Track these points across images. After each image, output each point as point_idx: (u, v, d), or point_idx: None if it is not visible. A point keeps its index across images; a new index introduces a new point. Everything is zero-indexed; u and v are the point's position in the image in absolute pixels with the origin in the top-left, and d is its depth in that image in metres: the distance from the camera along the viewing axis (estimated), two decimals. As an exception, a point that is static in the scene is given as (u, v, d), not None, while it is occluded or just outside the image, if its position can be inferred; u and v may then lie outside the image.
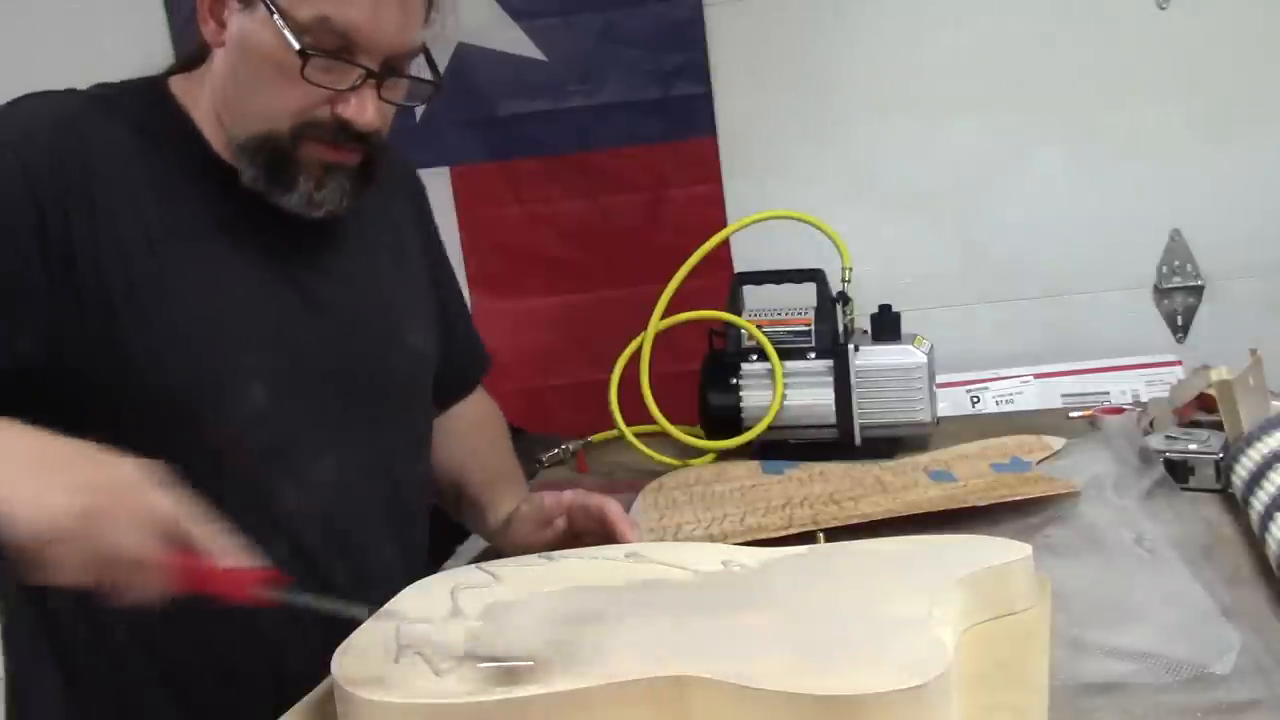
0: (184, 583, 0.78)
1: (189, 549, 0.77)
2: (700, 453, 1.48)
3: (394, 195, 1.17)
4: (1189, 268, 1.75)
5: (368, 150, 1.00)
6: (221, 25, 0.97)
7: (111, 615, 0.87)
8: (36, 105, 0.96)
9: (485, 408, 1.34)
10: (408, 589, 0.92)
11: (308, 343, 1.03)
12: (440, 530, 1.25)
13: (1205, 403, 1.30)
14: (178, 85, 1.03)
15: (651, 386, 1.49)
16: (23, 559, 0.73)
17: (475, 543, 1.31)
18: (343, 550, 1.04)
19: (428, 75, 1.02)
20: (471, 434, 1.29)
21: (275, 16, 0.92)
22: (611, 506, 1.05)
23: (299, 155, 0.97)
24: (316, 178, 0.98)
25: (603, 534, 1.04)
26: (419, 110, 1.75)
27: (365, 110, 0.96)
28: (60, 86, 1.00)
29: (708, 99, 1.80)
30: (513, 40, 1.81)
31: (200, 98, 1.01)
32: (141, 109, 1.00)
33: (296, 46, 0.92)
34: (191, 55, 1.04)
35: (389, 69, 0.97)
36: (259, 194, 0.99)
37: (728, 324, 1.49)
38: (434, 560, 1.24)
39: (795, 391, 1.43)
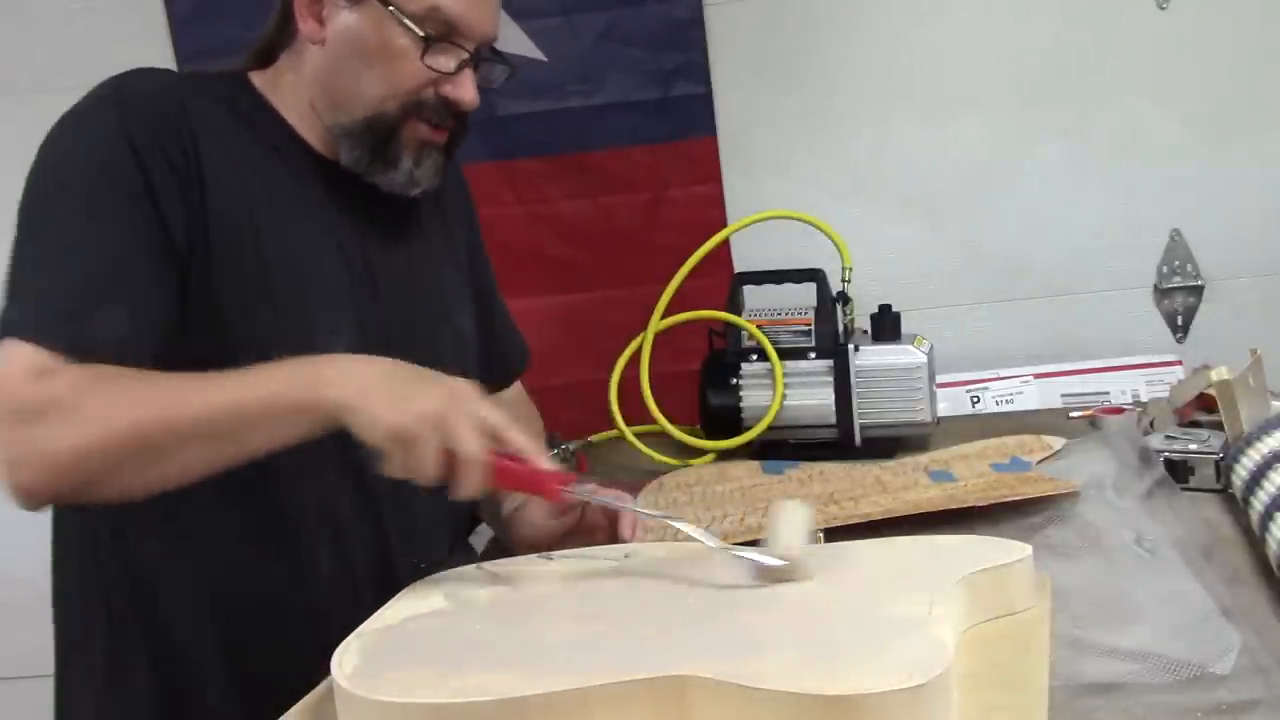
0: (504, 481, 0.91)
1: (510, 453, 0.89)
2: (700, 453, 1.48)
3: (445, 186, 1.21)
4: (1189, 268, 1.75)
5: (455, 128, 1.10)
6: (321, 23, 1.06)
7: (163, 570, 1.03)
8: (141, 78, 1.03)
9: (524, 410, 1.38)
10: (406, 590, 0.92)
11: (375, 311, 1.10)
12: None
13: (1205, 403, 1.30)
14: (256, 79, 1.11)
15: (651, 386, 1.49)
16: (381, 453, 0.86)
17: (476, 541, 1.31)
18: (397, 503, 1.10)
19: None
20: None
21: (391, 9, 1.03)
22: (624, 504, 1.06)
23: (403, 134, 1.07)
24: (416, 156, 1.08)
25: (611, 532, 1.04)
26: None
27: (469, 90, 1.07)
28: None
29: (708, 99, 1.80)
30: (513, 40, 1.80)
31: (281, 90, 1.10)
32: (230, 92, 1.08)
33: (421, 34, 1.03)
34: (261, 52, 1.12)
35: (481, 53, 1.08)
36: (351, 177, 1.08)
37: (728, 324, 1.49)
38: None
39: (795, 391, 1.43)
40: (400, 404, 0.86)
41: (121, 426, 0.87)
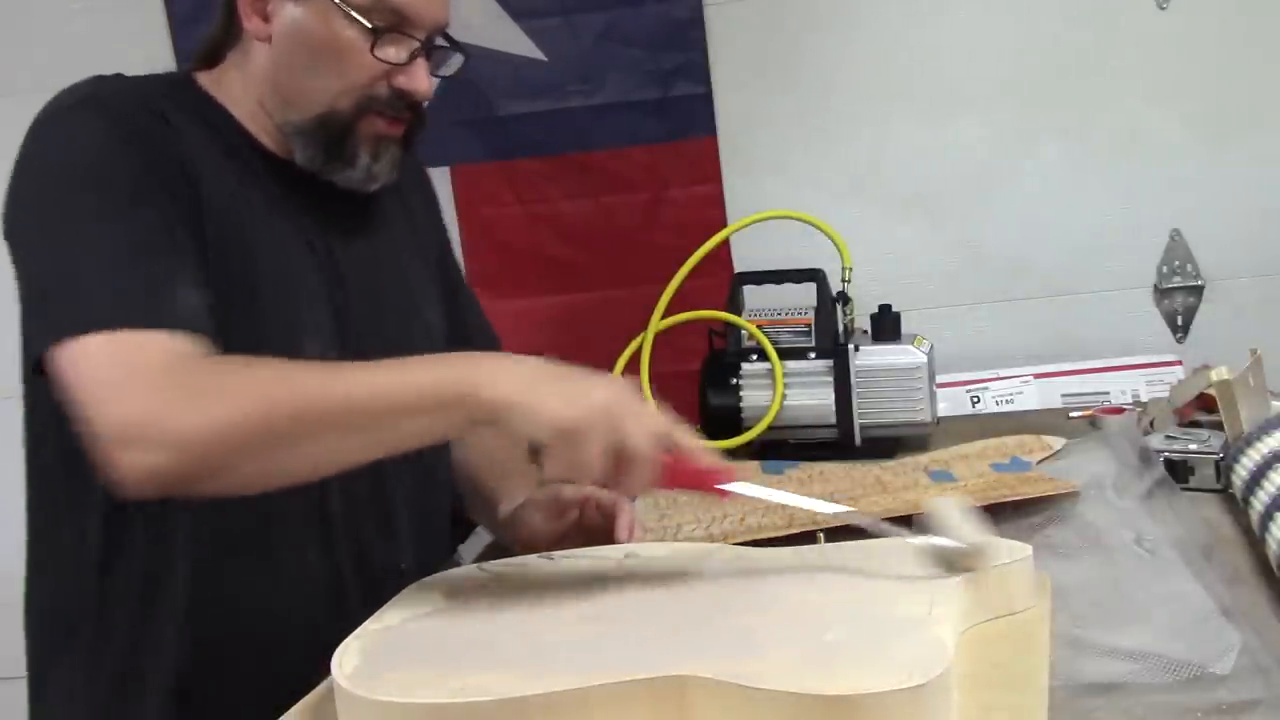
0: (673, 480, 0.88)
1: (676, 451, 0.87)
2: (700, 453, 1.48)
3: (407, 182, 1.21)
4: (1189, 268, 1.75)
5: (411, 121, 1.08)
6: (266, 20, 1.03)
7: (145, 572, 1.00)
8: (120, 83, 1.02)
9: None
10: (407, 588, 0.92)
11: (345, 309, 1.09)
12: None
13: (1205, 403, 1.30)
14: (203, 79, 1.09)
15: (651, 386, 1.48)
16: (547, 453, 0.83)
17: (476, 543, 1.31)
18: (373, 504, 1.09)
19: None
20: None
21: (338, 2, 1.00)
22: (622, 504, 1.06)
23: (357, 130, 1.04)
24: (373, 151, 1.06)
25: (608, 532, 1.04)
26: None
27: (422, 80, 1.05)
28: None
29: (708, 99, 1.80)
30: (513, 40, 1.81)
31: (228, 89, 1.07)
32: (187, 99, 1.06)
33: (369, 26, 1.00)
34: (207, 53, 1.10)
35: (432, 42, 1.05)
36: (306, 174, 1.06)
37: (728, 324, 1.49)
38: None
39: (795, 391, 1.43)
40: (568, 399, 0.83)
41: (257, 409, 0.84)
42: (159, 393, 0.84)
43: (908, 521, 0.91)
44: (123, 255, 0.91)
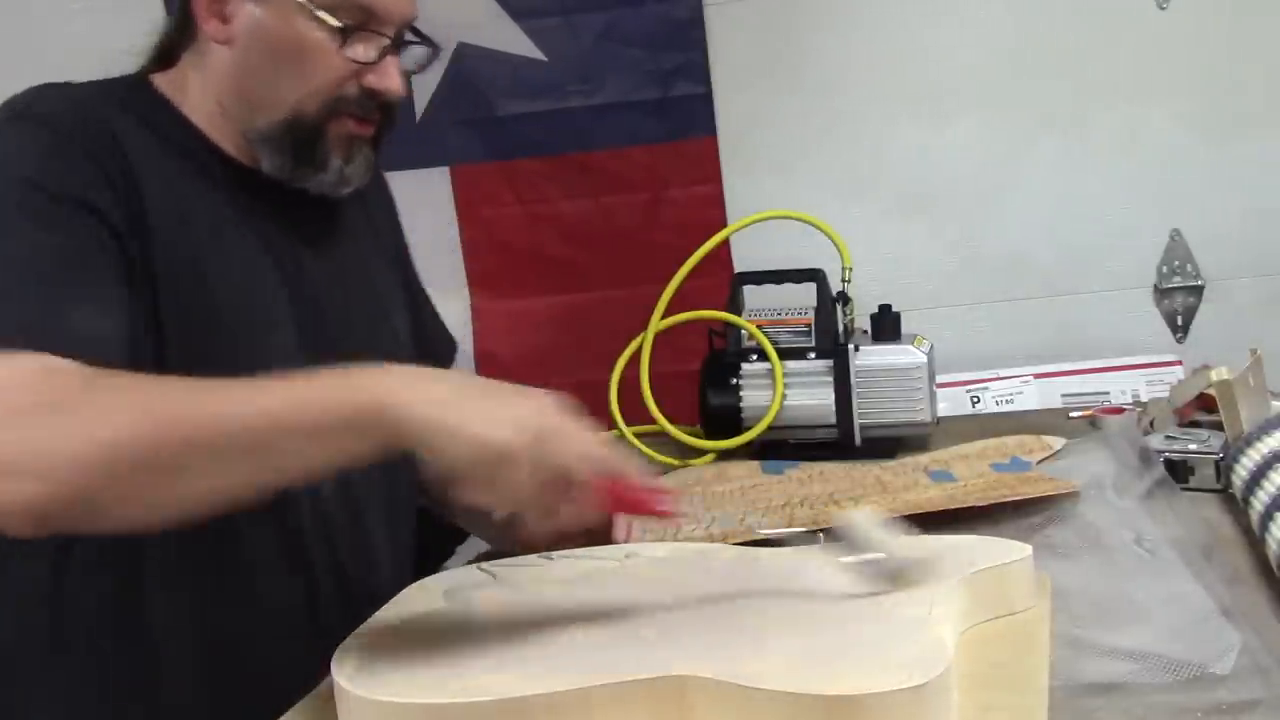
0: (610, 504, 0.82)
1: (612, 474, 0.79)
2: (700, 453, 1.48)
3: (368, 191, 1.18)
4: (1189, 268, 1.75)
5: (381, 120, 1.04)
6: (225, 21, 0.99)
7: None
8: (62, 93, 0.98)
9: None
10: (408, 588, 0.92)
11: (314, 323, 1.05)
12: (439, 531, 1.25)
13: (1205, 403, 1.30)
14: (160, 82, 1.05)
15: (651, 386, 1.49)
16: (468, 478, 0.74)
17: (474, 543, 1.30)
18: (344, 528, 1.06)
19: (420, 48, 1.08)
20: None
21: (302, 0, 0.96)
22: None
23: (327, 133, 1.01)
24: (344, 154, 1.02)
25: (608, 532, 1.04)
26: (419, 109, 1.78)
27: (393, 79, 1.01)
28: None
29: (708, 99, 1.80)
30: (513, 40, 1.81)
31: (187, 93, 1.03)
32: (141, 104, 1.02)
33: (339, 25, 0.96)
34: (161, 54, 1.06)
35: (401, 39, 1.02)
36: (269, 181, 1.02)
37: (728, 324, 1.49)
38: (433, 560, 1.24)
39: (795, 391, 1.43)
40: (493, 419, 0.74)
41: (136, 431, 0.75)
42: (24, 417, 0.76)
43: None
44: (14, 277, 0.86)
